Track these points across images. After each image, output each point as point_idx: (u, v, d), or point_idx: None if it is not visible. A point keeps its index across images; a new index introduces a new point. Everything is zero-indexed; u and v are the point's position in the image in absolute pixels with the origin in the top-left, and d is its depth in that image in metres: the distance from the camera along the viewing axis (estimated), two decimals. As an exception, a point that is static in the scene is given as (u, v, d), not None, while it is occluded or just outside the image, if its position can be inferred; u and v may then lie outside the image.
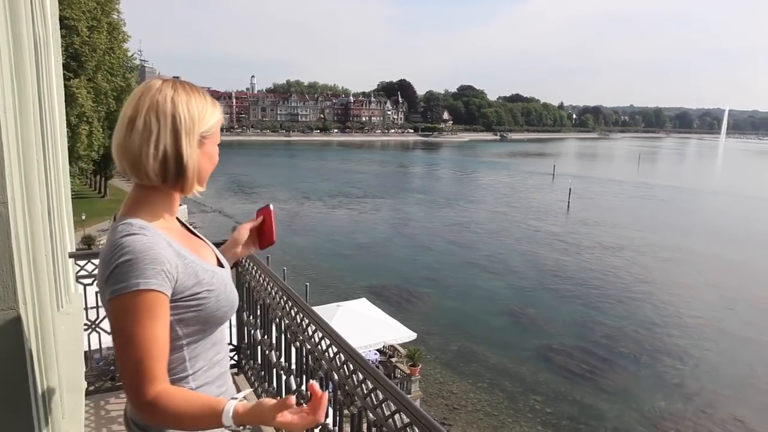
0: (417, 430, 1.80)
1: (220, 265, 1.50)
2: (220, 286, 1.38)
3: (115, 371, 3.69)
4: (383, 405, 2.00)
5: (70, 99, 27.60)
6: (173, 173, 1.31)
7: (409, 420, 1.84)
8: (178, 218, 1.48)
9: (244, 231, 1.75)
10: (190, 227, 1.54)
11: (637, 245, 41.31)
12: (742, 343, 24.42)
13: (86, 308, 3.55)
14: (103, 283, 1.24)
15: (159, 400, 1.20)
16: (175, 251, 1.28)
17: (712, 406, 19.27)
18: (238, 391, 1.47)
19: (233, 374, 3.90)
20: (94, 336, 3.56)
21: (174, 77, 1.40)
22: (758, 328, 25.95)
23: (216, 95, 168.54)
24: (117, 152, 1.32)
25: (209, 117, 1.36)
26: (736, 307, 28.62)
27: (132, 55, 42.49)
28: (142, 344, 1.19)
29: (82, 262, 3.45)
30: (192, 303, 1.31)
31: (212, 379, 1.44)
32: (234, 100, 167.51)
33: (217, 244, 1.66)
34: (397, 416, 1.92)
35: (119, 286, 1.19)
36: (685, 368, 22.05)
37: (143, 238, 1.23)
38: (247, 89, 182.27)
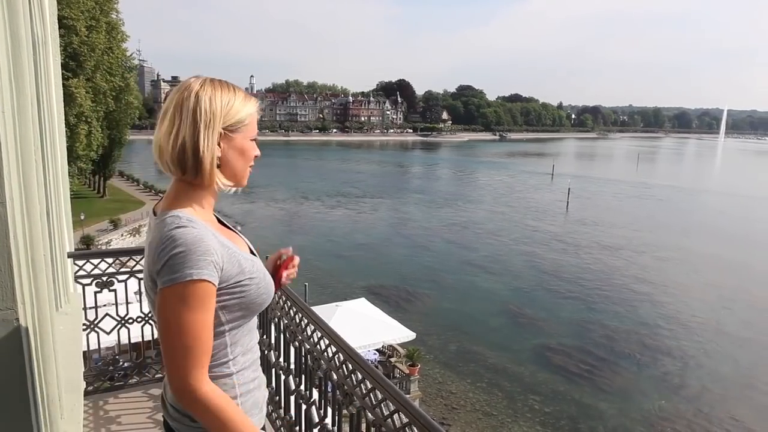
0: (416, 429, 1.80)
1: (252, 254, 1.56)
2: (260, 274, 1.45)
3: (113, 371, 3.69)
4: (382, 405, 2.00)
5: (68, 99, 27.59)
6: (191, 166, 1.36)
7: (407, 420, 1.84)
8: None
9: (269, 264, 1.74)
10: (222, 219, 1.59)
11: (636, 245, 41.34)
12: (740, 342, 24.44)
13: (85, 308, 3.55)
14: (155, 273, 1.28)
15: (202, 390, 1.28)
16: (219, 242, 1.34)
17: (710, 406, 19.29)
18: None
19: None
20: (93, 336, 3.56)
21: (204, 77, 1.42)
22: (756, 328, 25.98)
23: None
24: (153, 147, 1.41)
25: (236, 111, 1.39)
26: (734, 307, 28.65)
27: (131, 55, 42.54)
28: (193, 332, 1.26)
29: (80, 262, 3.45)
30: (236, 290, 1.37)
31: (248, 364, 1.51)
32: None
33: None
34: (396, 416, 1.92)
35: (173, 276, 1.24)
36: (684, 368, 22.07)
37: (193, 230, 1.29)
38: (246, 89, 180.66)
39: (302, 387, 2.61)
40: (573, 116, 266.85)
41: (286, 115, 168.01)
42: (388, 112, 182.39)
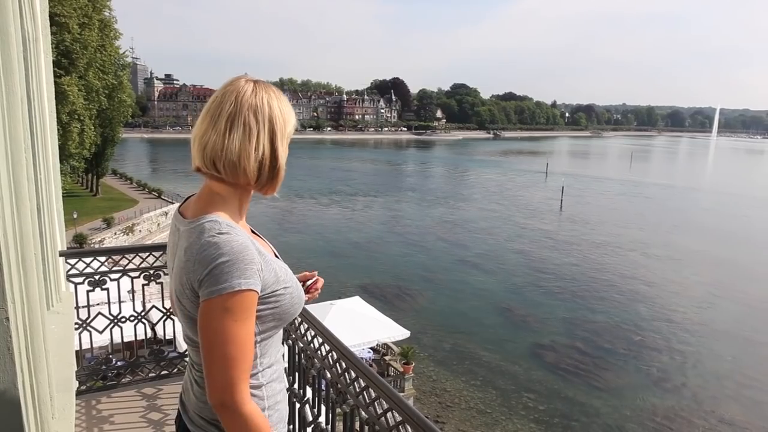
0: (409, 428, 1.79)
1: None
2: (293, 282, 1.42)
3: (106, 371, 3.67)
4: (375, 403, 1.99)
5: (61, 96, 27.41)
6: (267, 173, 1.34)
7: (401, 418, 1.84)
8: None
9: None
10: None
11: (628, 243, 41.52)
12: (728, 339, 24.63)
13: (77, 307, 3.53)
14: (196, 282, 1.24)
15: (246, 407, 1.24)
16: (257, 250, 1.30)
17: (700, 402, 19.43)
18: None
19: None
20: (86, 335, 3.54)
21: (254, 78, 1.39)
22: (745, 325, 26.17)
23: (209, 93, 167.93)
24: (201, 147, 1.34)
25: (291, 118, 1.39)
26: (724, 304, 28.86)
27: (124, 53, 42.30)
28: (240, 344, 1.23)
29: (72, 261, 3.43)
30: (271, 300, 1.33)
31: (276, 375, 1.47)
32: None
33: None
34: (389, 414, 1.92)
35: (220, 287, 1.20)
36: (675, 364, 22.20)
37: (237, 237, 1.26)
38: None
39: (296, 385, 2.60)
40: (567, 115, 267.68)
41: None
42: (382, 111, 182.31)
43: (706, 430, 17.85)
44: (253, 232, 1.50)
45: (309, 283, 1.73)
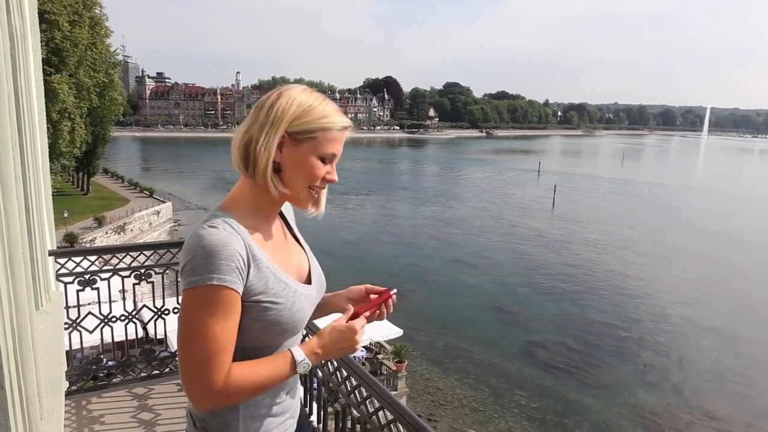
0: (401, 426, 1.79)
1: (309, 281, 1.44)
2: (288, 302, 1.30)
3: (97, 370, 3.65)
4: (367, 402, 1.99)
5: (51, 94, 27.21)
6: (250, 162, 1.29)
7: (392, 417, 1.84)
8: (285, 219, 1.51)
9: (353, 292, 1.55)
10: (295, 232, 1.52)
11: (620, 241, 41.74)
12: (718, 336, 24.80)
13: (67, 307, 3.50)
14: (180, 271, 1.22)
15: (228, 382, 1.19)
16: (250, 253, 1.24)
17: (687, 397, 19.59)
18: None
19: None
20: (77, 335, 3.52)
21: (305, 87, 1.36)
22: (733, 322, 26.39)
23: (200, 91, 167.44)
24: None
25: (308, 121, 1.28)
26: (712, 301, 29.13)
27: (115, 51, 42.06)
28: (214, 338, 1.18)
29: (62, 260, 3.40)
30: (252, 311, 1.25)
31: (273, 411, 1.39)
32: (219, 97, 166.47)
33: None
34: (381, 413, 1.92)
35: (194, 279, 1.17)
36: (666, 362, 22.35)
37: (222, 232, 1.20)
38: (233, 85, 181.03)
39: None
40: (559, 114, 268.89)
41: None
42: (374, 109, 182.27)
43: (692, 424, 18.01)
44: (296, 239, 1.50)
45: (374, 297, 1.48)
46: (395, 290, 1.45)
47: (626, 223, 48.75)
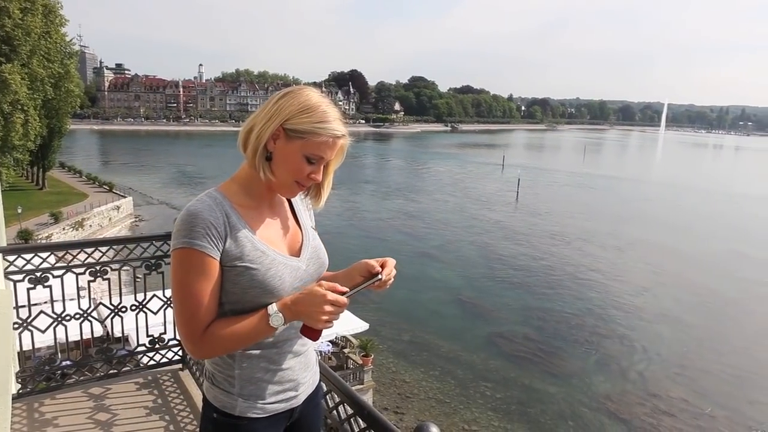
0: (360, 420, 1.78)
1: (299, 255, 1.56)
2: (263, 267, 1.42)
3: (50, 371, 3.53)
4: (327, 397, 1.98)
5: (2, 85, 26.23)
6: (248, 146, 1.45)
7: (353, 411, 1.83)
8: (291, 204, 1.65)
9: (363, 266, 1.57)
10: (299, 216, 1.65)
11: (581, 233, 42.68)
12: (676, 324, 25.69)
13: (17, 306, 3.37)
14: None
15: (209, 333, 1.37)
16: (228, 223, 1.40)
17: (652, 385, 20.20)
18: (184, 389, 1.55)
19: (177, 369, 3.80)
20: (34, 335, 3.38)
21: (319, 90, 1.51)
22: (690, 310, 27.36)
23: (162, 84, 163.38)
24: None
25: (300, 120, 1.41)
26: (668, 290, 30.16)
27: (71, 40, 40.52)
28: (192, 294, 1.35)
29: (11, 258, 3.27)
30: (230, 274, 1.40)
31: (256, 355, 1.50)
32: (181, 89, 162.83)
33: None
34: (341, 407, 1.91)
35: (173, 243, 1.37)
36: (623, 349, 23.00)
37: (200, 204, 1.39)
38: (195, 78, 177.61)
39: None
40: (523, 108, 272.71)
41: (236, 105, 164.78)
42: (340, 103, 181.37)
43: (648, 408, 18.61)
44: (295, 217, 1.64)
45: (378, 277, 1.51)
46: (380, 277, 1.51)
47: (586, 216, 49.88)
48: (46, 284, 3.30)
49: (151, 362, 3.79)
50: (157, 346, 3.80)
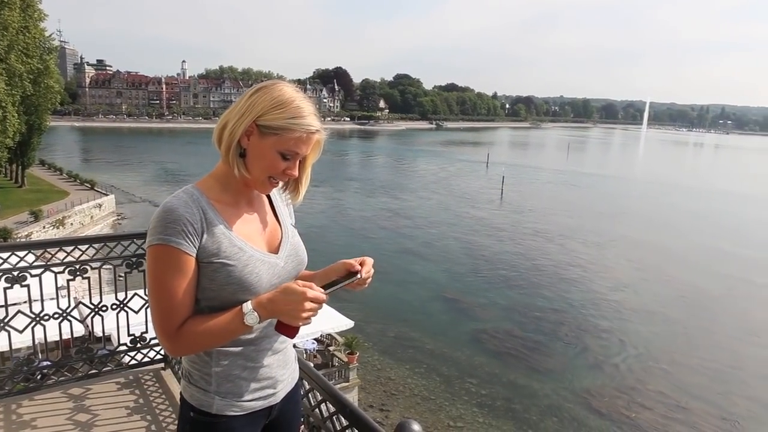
0: (342, 418, 1.77)
1: (278, 252, 1.55)
2: (240, 264, 1.41)
3: (29, 371, 3.46)
4: (309, 395, 1.97)
5: (-21, 81, 25.69)
6: (222, 143, 1.44)
7: (335, 409, 1.81)
8: (271, 200, 1.63)
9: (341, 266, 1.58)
10: (278, 212, 1.64)
11: (565, 230, 43.04)
12: (658, 320, 26.04)
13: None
14: None
15: (185, 330, 1.36)
16: (204, 219, 1.39)
17: (632, 379, 20.46)
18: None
19: (159, 369, 3.76)
20: (13, 336, 3.31)
21: (293, 85, 1.49)
22: (672, 306, 27.75)
23: (144, 80, 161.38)
24: None
25: (274, 117, 1.39)
26: (651, 286, 30.57)
27: (50, 35, 39.90)
28: (167, 290, 1.34)
29: (-15, 257, 3.20)
30: (207, 271, 1.39)
31: (237, 352, 1.49)
32: (164, 86, 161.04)
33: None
34: (323, 405, 1.89)
35: (148, 239, 1.36)
36: (610, 346, 23.24)
37: (175, 201, 1.38)
38: (178, 74, 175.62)
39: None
40: (507, 106, 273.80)
41: (220, 102, 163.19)
42: (324, 100, 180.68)
43: (631, 402, 18.86)
44: (274, 214, 1.62)
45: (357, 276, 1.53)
46: (359, 276, 1.52)
47: (570, 213, 50.30)
48: (23, 283, 3.24)
49: (133, 362, 3.74)
50: (138, 345, 3.75)
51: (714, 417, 18.39)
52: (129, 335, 3.70)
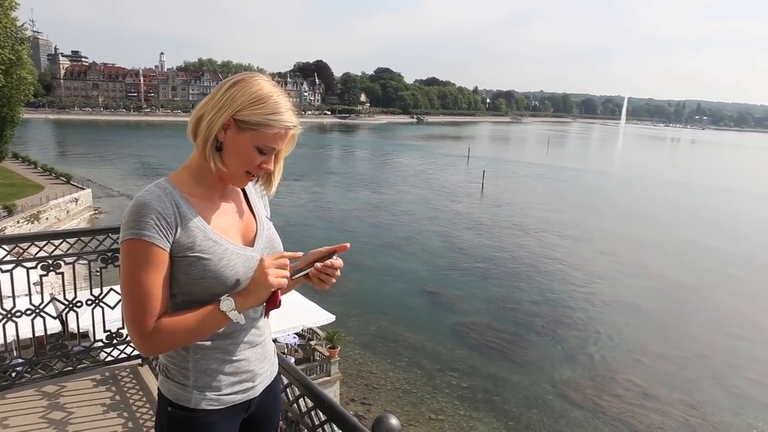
0: (320, 413, 1.77)
1: (253, 245, 1.55)
2: (215, 258, 1.40)
3: (0, 369, 3.39)
4: (288, 390, 1.95)
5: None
6: (198, 136, 1.42)
7: (312, 404, 1.81)
8: (246, 193, 1.62)
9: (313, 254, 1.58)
10: (252, 204, 1.62)
11: (545, 224, 43.48)
12: (636, 312, 26.47)
13: (-35, 302, 3.22)
14: None
15: (160, 326, 1.34)
16: (177, 212, 1.38)
17: (611, 372, 20.79)
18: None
19: (136, 365, 3.71)
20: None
21: (269, 78, 1.47)
22: (650, 298, 28.20)
23: (122, 72, 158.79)
24: None
25: (252, 112, 1.38)
26: (629, 280, 30.99)
27: (22, 25, 38.96)
28: (140, 286, 1.32)
29: (-45, 252, 3.12)
30: (181, 265, 1.38)
31: (210, 346, 1.48)
32: (142, 78, 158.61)
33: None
34: (301, 401, 1.88)
35: (121, 234, 1.35)
36: (588, 339, 23.56)
37: (148, 195, 1.36)
38: (156, 67, 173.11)
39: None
40: (488, 100, 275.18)
41: (199, 95, 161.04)
42: (305, 94, 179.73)
43: (608, 394, 19.16)
44: (251, 210, 1.61)
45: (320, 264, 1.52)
46: (312, 268, 1.52)
47: (549, 207, 50.79)
48: (-6, 279, 3.17)
49: (109, 358, 3.69)
50: (115, 341, 3.69)
51: (683, 404, 18.84)
52: (105, 331, 3.64)
